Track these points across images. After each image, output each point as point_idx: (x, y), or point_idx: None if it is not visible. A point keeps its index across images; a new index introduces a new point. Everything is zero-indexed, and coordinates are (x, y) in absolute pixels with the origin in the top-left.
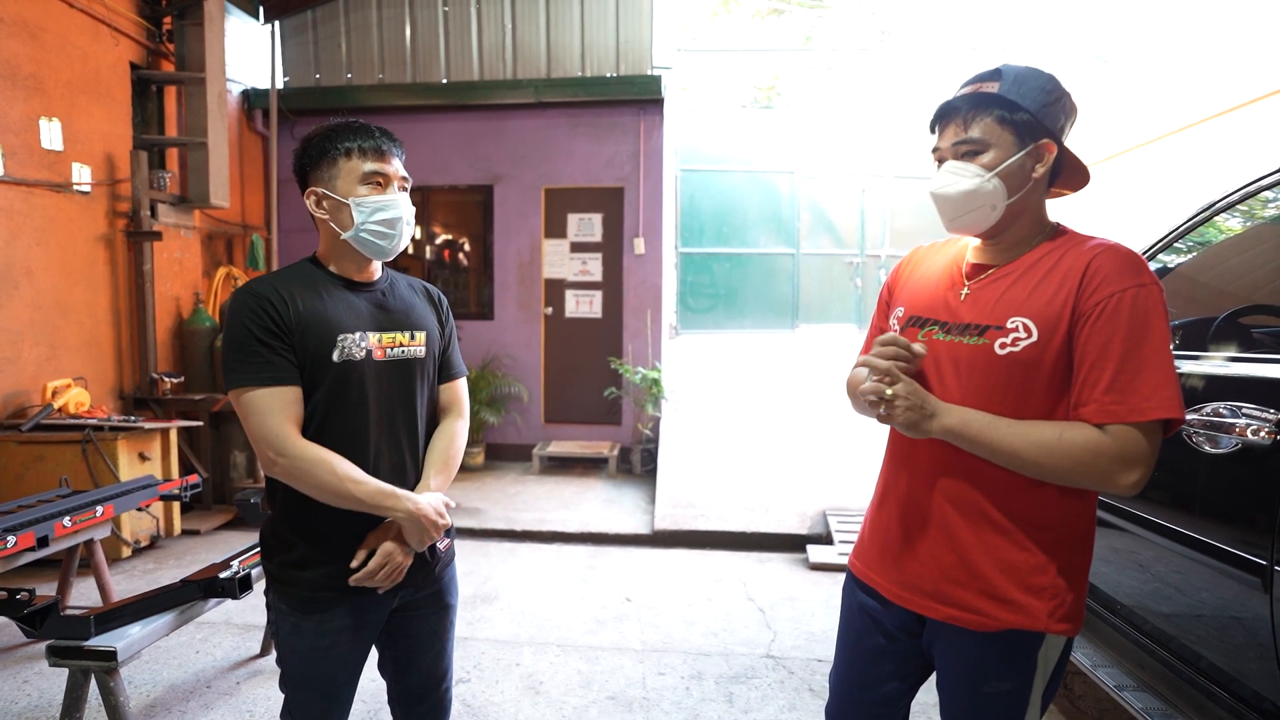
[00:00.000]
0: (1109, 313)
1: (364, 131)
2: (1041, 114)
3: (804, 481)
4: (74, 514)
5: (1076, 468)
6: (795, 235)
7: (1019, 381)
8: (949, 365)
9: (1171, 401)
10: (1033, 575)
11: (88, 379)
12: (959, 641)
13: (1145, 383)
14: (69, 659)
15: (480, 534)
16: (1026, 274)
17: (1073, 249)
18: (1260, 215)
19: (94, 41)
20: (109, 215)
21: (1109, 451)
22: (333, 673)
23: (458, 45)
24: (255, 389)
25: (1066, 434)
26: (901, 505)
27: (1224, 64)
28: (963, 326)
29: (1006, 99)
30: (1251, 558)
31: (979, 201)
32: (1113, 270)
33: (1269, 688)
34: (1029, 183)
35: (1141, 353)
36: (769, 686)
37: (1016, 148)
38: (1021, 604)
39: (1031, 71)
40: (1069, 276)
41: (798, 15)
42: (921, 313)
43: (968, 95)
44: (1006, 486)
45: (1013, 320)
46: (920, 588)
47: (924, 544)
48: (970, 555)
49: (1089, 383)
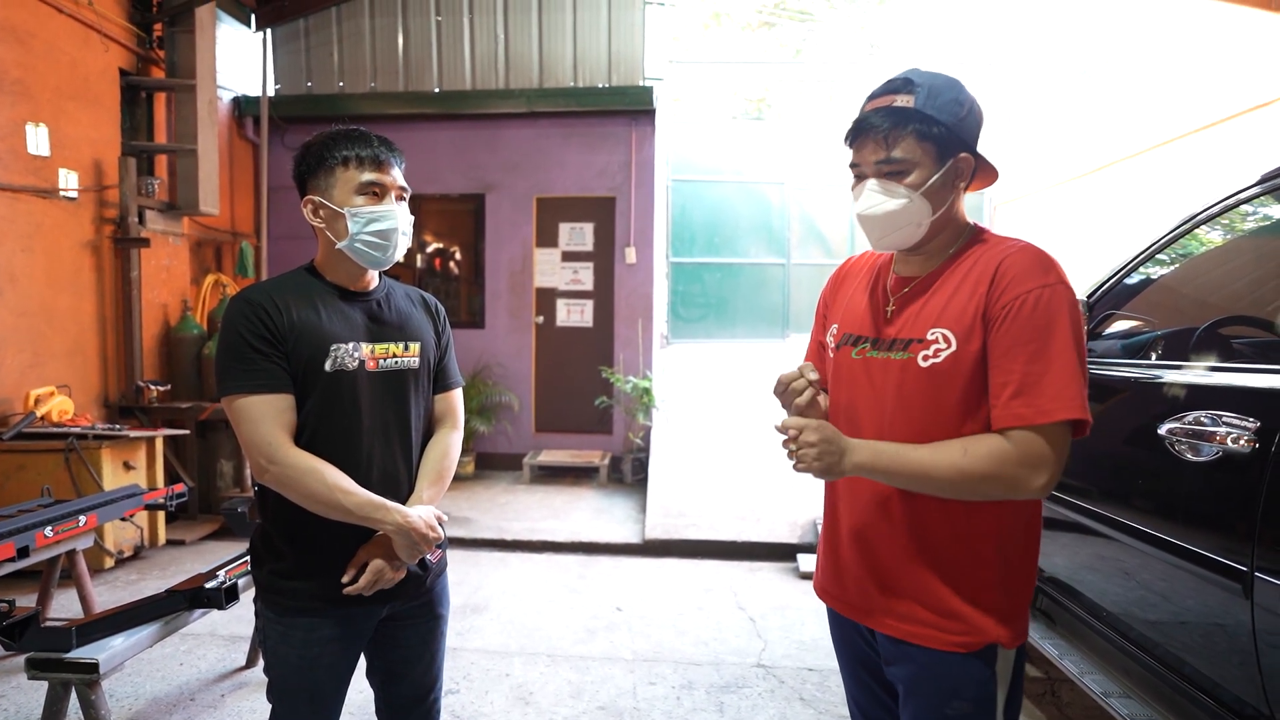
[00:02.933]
0: (1014, 315)
1: (363, 140)
2: (958, 128)
3: (795, 491)
4: (55, 524)
5: (986, 479)
6: (786, 245)
7: (945, 391)
8: (881, 382)
9: (1074, 402)
10: (979, 588)
11: (72, 387)
12: (914, 662)
13: (1050, 385)
14: (49, 672)
15: (470, 543)
16: (945, 283)
17: (986, 252)
18: (1239, 228)
19: (83, 47)
20: (96, 222)
21: (1012, 458)
22: (321, 682)
23: (450, 55)
24: (248, 396)
25: (971, 447)
26: (846, 526)
27: (1204, 79)
28: (890, 342)
29: (923, 114)
30: (1232, 564)
31: (906, 220)
32: (1020, 271)
33: (1251, 693)
34: (952, 195)
35: (1047, 354)
36: (760, 696)
37: (938, 165)
38: (971, 618)
39: (944, 82)
40: (980, 281)
41: (788, 28)
42: (854, 330)
43: (884, 111)
44: (948, 508)
45: (933, 332)
46: (873, 605)
47: (868, 563)
48: (915, 573)
49: (997, 386)
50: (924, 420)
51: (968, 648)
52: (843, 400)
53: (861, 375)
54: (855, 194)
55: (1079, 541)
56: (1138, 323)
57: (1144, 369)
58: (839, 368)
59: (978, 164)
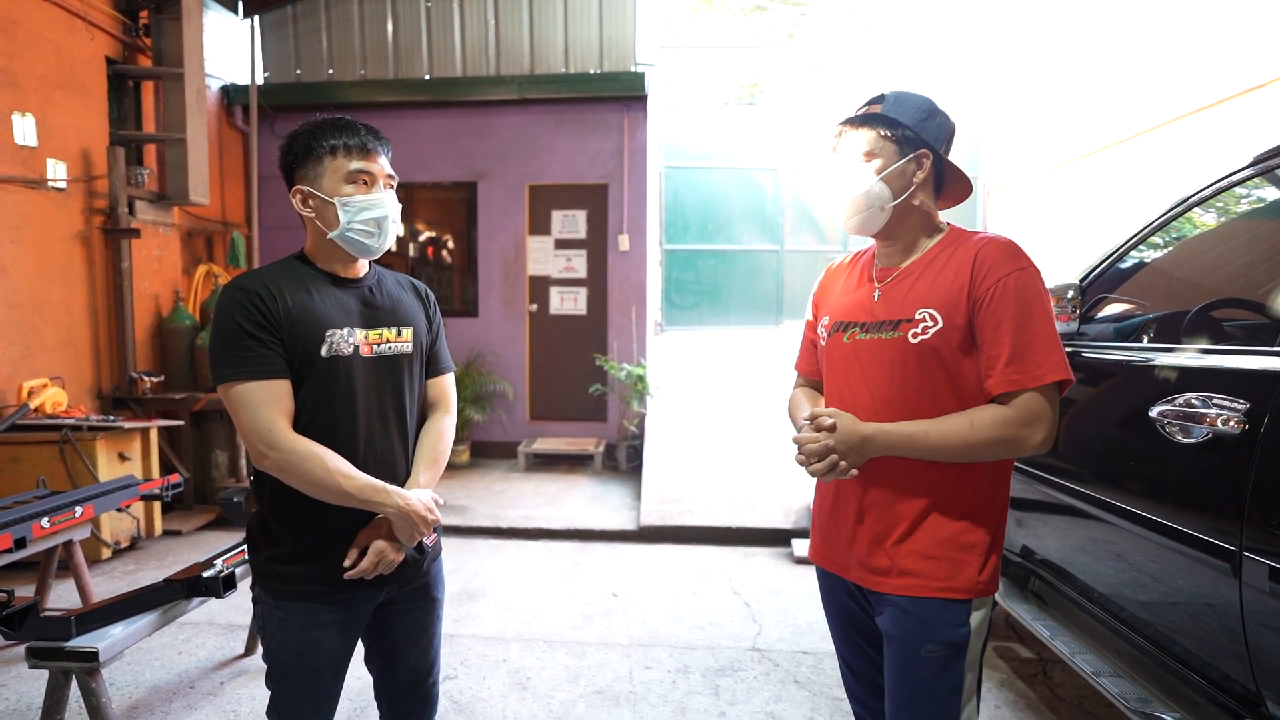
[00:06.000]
0: (998, 296)
1: (349, 129)
2: (919, 128)
3: (788, 476)
4: (52, 515)
5: (993, 442)
6: (779, 232)
7: (932, 364)
8: (871, 360)
9: (1060, 364)
10: (964, 543)
11: (65, 379)
12: (898, 609)
13: (1037, 352)
14: (49, 660)
15: (466, 531)
16: (926, 270)
17: (962, 244)
18: (1231, 211)
19: (68, 35)
20: (85, 212)
21: (1014, 420)
22: (319, 667)
23: (440, 41)
24: (245, 382)
25: (975, 418)
26: (844, 491)
27: (1197, 62)
28: (879, 324)
29: (887, 117)
30: (1222, 544)
31: (868, 202)
32: (997, 259)
33: (1239, 670)
34: (910, 186)
35: (1030, 326)
36: (755, 679)
37: (898, 156)
38: (953, 568)
39: (910, 95)
40: (961, 268)
41: (780, 12)
42: (844, 318)
43: (858, 115)
44: (933, 468)
45: (920, 311)
46: (867, 563)
47: (867, 524)
48: (908, 530)
49: (991, 359)
50: (917, 391)
51: (945, 593)
52: (840, 382)
53: (853, 357)
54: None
55: (1071, 524)
56: (1130, 306)
57: (1136, 352)
58: (831, 354)
59: (942, 165)
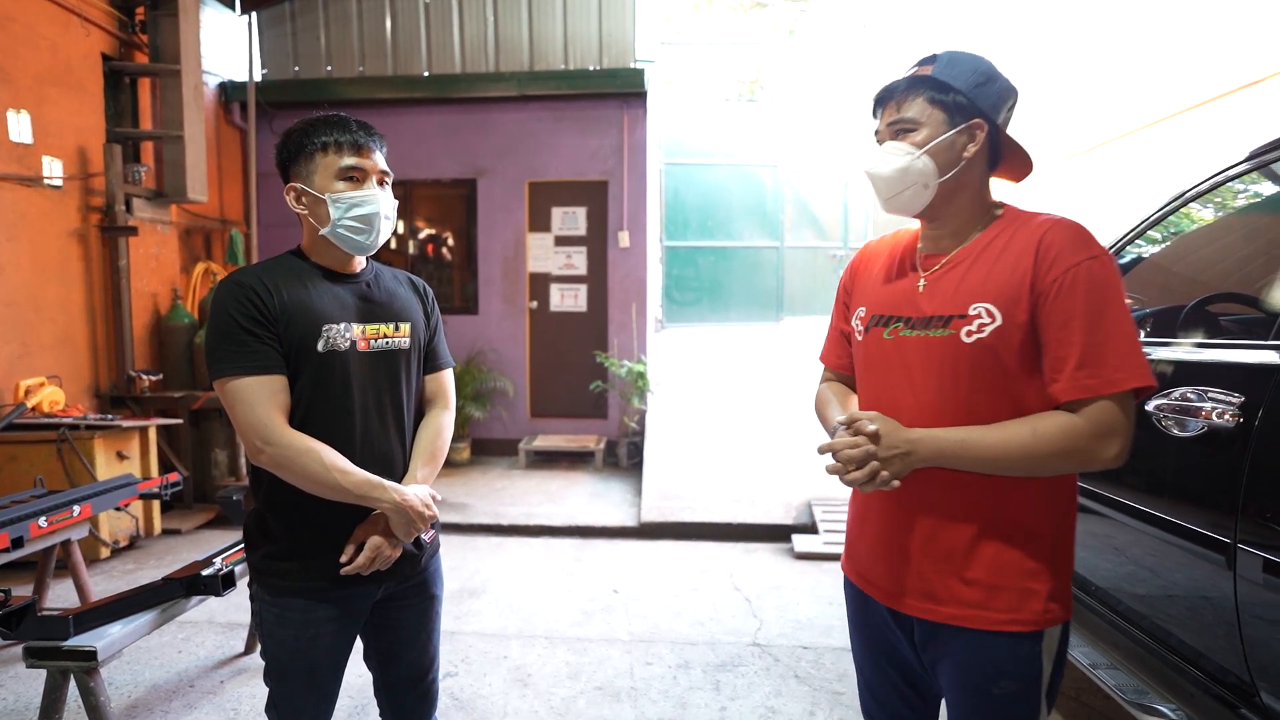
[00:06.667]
0: (1067, 289)
1: (341, 125)
2: (973, 94)
3: (789, 472)
4: (50, 514)
5: (1058, 455)
6: (779, 228)
7: (989, 367)
8: (918, 361)
9: (1141, 369)
10: (1028, 568)
11: (62, 377)
12: (960, 644)
13: (1113, 353)
14: (47, 660)
15: (467, 529)
16: (980, 258)
17: (1021, 227)
18: (1228, 206)
19: (64, 32)
20: (82, 210)
21: (1085, 431)
22: (318, 663)
23: (439, 37)
24: (241, 377)
25: (1039, 426)
26: (888, 508)
27: (1194, 57)
28: (926, 320)
29: (938, 80)
30: (1217, 536)
31: (911, 180)
32: (1065, 245)
33: (1234, 662)
34: (960, 161)
35: (1104, 324)
36: (755, 674)
37: (947, 126)
38: (1019, 598)
39: (965, 55)
40: (1023, 255)
41: (780, 9)
42: (884, 310)
43: (904, 79)
44: (990, 482)
45: (975, 306)
46: (917, 589)
47: (916, 546)
48: (964, 554)
49: (1058, 360)
50: (969, 398)
51: (1015, 626)
52: (877, 382)
53: (895, 357)
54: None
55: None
56: (1127, 301)
57: None
58: (870, 350)
59: (1000, 140)
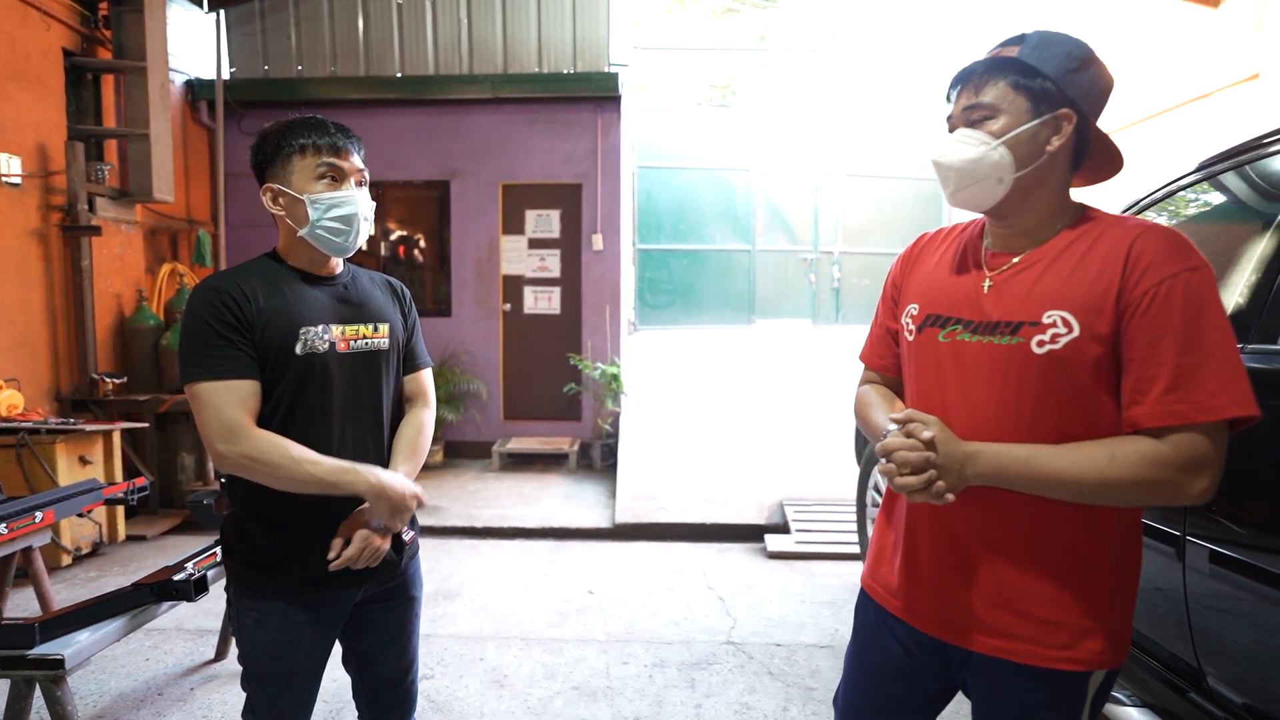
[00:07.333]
0: (1160, 302)
1: (320, 127)
2: (1063, 81)
3: (761, 473)
4: (10, 520)
5: (1137, 485)
6: (751, 232)
7: (1062, 383)
8: (976, 369)
9: (1243, 397)
10: (1089, 601)
11: (21, 381)
12: (1001, 674)
13: (1210, 377)
14: (11, 669)
15: (441, 531)
16: (1058, 261)
17: (1107, 231)
18: (1180, 215)
19: (22, 25)
20: (42, 209)
21: (1171, 461)
22: (296, 667)
23: (412, 38)
24: (210, 382)
25: (1119, 451)
26: (932, 532)
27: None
28: (992, 325)
29: (1024, 63)
30: (1168, 529)
31: (984, 172)
32: (1159, 254)
33: (1184, 650)
34: (1042, 155)
35: (1202, 345)
36: (730, 671)
37: (1030, 115)
38: (1073, 636)
39: (1059, 36)
40: (1109, 262)
41: (752, 15)
42: (940, 310)
43: (986, 60)
44: (1049, 507)
45: (1049, 314)
46: (962, 620)
47: (962, 574)
48: (1016, 588)
49: (1143, 381)
50: (1034, 412)
51: (1067, 665)
52: (926, 388)
53: (950, 362)
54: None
55: None
56: None
57: None
58: (922, 352)
59: (1089, 134)
